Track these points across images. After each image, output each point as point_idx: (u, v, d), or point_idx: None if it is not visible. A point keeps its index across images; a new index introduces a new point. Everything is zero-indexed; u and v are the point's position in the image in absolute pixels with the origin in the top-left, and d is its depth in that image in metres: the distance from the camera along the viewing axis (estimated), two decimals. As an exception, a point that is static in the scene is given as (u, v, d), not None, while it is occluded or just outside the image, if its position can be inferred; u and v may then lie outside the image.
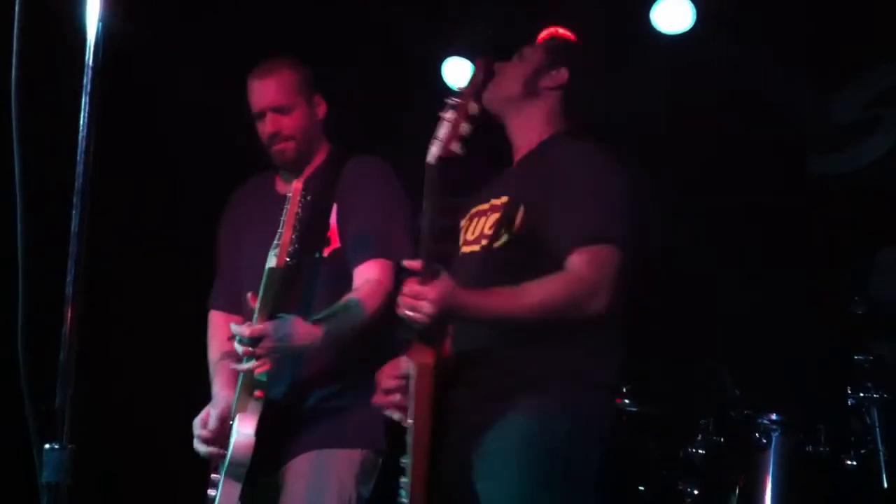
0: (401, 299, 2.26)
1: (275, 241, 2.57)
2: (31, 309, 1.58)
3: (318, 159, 2.98)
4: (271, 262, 2.56)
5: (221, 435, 2.72)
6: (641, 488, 3.83)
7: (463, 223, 2.68)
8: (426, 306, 2.21)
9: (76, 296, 1.53)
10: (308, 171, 2.95)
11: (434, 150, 2.34)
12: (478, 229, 2.55)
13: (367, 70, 4.42)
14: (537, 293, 2.28)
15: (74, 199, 1.55)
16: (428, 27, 4.40)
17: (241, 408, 2.66)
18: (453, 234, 2.71)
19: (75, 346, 1.52)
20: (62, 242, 1.57)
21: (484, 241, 2.47)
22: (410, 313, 2.24)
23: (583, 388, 2.36)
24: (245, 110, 3.00)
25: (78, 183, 1.54)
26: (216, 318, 3.02)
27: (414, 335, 2.31)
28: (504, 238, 2.42)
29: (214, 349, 2.97)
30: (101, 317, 3.55)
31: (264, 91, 2.91)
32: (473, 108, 2.35)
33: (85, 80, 1.56)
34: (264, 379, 2.66)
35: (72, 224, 1.54)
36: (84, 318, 1.53)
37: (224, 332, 2.90)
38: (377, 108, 4.43)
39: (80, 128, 1.55)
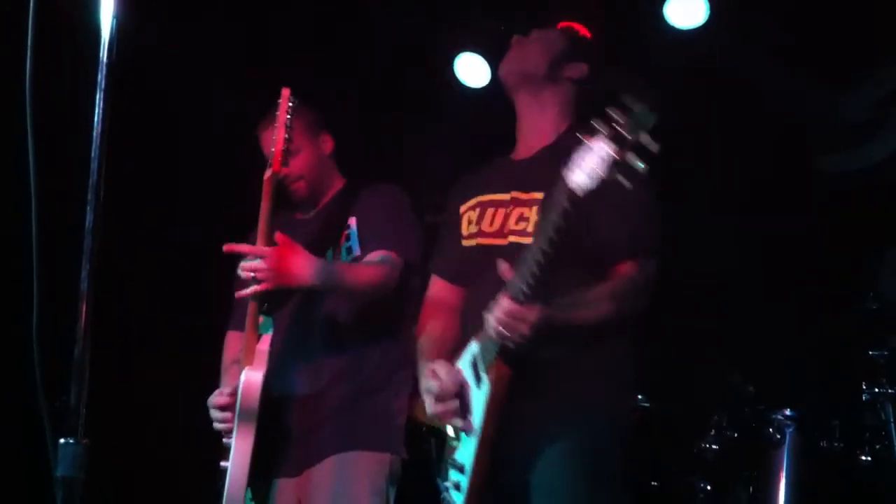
0: (497, 318, 2.20)
1: (270, 150, 2.70)
2: (46, 305, 1.59)
3: (333, 191, 3.07)
4: (268, 171, 2.68)
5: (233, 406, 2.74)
6: (654, 484, 3.83)
7: (464, 210, 2.65)
8: (526, 329, 2.19)
9: (90, 291, 1.53)
10: (324, 202, 3.05)
11: (582, 181, 2.08)
12: (497, 221, 2.54)
13: (378, 67, 4.42)
14: (610, 302, 2.34)
15: (88, 196, 1.55)
16: (440, 23, 4.40)
17: (247, 361, 2.68)
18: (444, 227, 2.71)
19: (90, 341, 1.52)
20: (76, 238, 1.57)
21: (515, 238, 2.45)
22: (507, 333, 2.20)
23: (617, 387, 2.46)
24: (257, 106, 3.02)
25: (92, 179, 1.55)
26: (231, 338, 3.07)
27: (496, 351, 2.28)
28: None
29: (226, 358, 3.03)
30: (117, 312, 3.58)
31: (268, 138, 2.96)
32: (655, 147, 2.01)
33: (99, 77, 1.57)
34: (269, 330, 2.72)
35: (86, 220, 1.55)
36: (99, 313, 1.54)
37: (236, 348, 2.96)
38: (389, 106, 4.43)
39: (94, 124, 1.56)
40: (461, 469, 2.33)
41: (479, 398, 2.33)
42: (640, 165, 2.02)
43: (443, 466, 2.44)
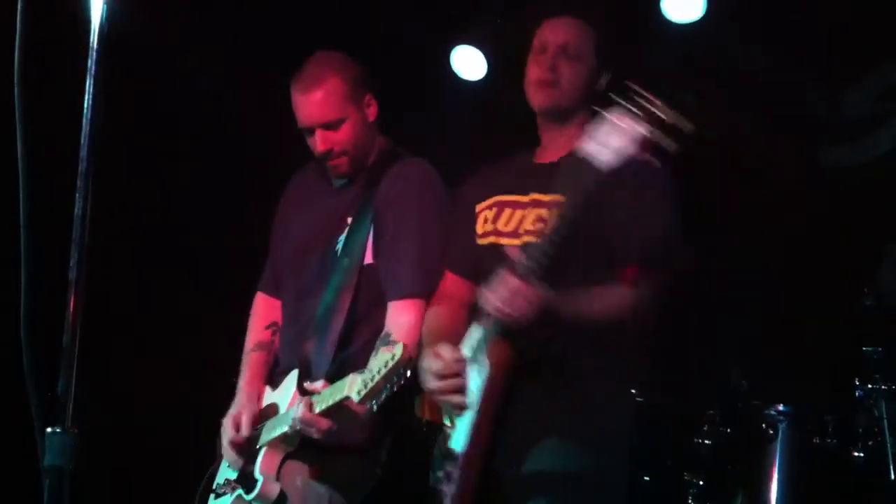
0: (496, 294, 2.19)
1: (366, 377, 2.29)
2: (35, 293, 1.57)
3: (371, 159, 2.83)
4: (353, 391, 2.32)
5: (249, 440, 2.72)
6: (647, 479, 3.82)
7: (480, 208, 2.63)
8: (526, 306, 2.18)
9: (80, 280, 1.52)
10: (362, 176, 2.83)
11: (607, 157, 2.07)
12: (513, 222, 2.54)
13: (373, 59, 4.38)
14: (612, 301, 2.34)
15: (78, 183, 1.54)
16: (436, 15, 4.37)
17: (272, 445, 2.65)
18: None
19: (78, 330, 1.51)
20: (66, 226, 1.56)
21: (530, 238, 2.42)
22: (507, 309, 2.19)
23: (620, 387, 2.53)
24: (245, 94, 2.98)
25: (81, 166, 1.54)
26: (259, 301, 3.01)
27: (495, 331, 2.28)
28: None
29: (251, 336, 2.96)
30: (108, 302, 3.55)
31: (310, 107, 2.70)
32: (689, 127, 2.01)
33: (89, 63, 1.55)
34: (297, 440, 2.64)
35: (75, 207, 1.53)
36: (90, 303, 1.53)
37: (263, 316, 2.94)
38: (384, 99, 4.40)
39: (84, 111, 1.54)
40: (453, 457, 2.31)
41: (476, 381, 2.32)
42: (673, 145, 1.98)
43: (437, 458, 2.43)
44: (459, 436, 2.34)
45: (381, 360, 2.27)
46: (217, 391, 2.95)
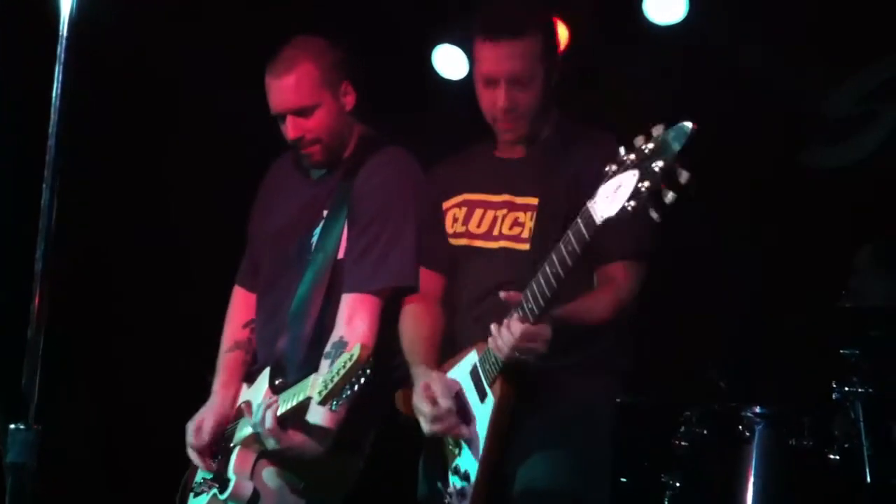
0: (509, 342, 2.23)
1: (327, 378, 2.28)
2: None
3: (349, 150, 2.77)
4: (314, 392, 2.32)
5: (213, 444, 2.72)
6: (623, 480, 3.82)
7: (448, 206, 2.63)
8: (541, 347, 2.24)
9: (45, 272, 1.49)
10: (340, 166, 2.76)
11: (608, 213, 2.01)
12: (486, 223, 2.55)
13: (354, 56, 4.37)
14: (611, 308, 2.41)
15: (45, 173, 1.51)
16: (418, 12, 4.36)
17: (245, 443, 2.63)
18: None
19: (43, 324, 1.48)
20: (33, 217, 1.54)
21: (507, 243, 2.48)
22: (523, 355, 2.25)
23: (611, 378, 2.59)
24: (222, 80, 2.95)
25: (49, 156, 1.52)
26: (237, 296, 2.98)
27: (499, 366, 2.32)
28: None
29: (228, 334, 2.93)
30: (102, 302, 3.52)
31: (282, 92, 2.64)
32: (685, 176, 1.89)
33: (59, 51, 1.53)
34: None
35: (42, 198, 1.51)
36: (86, 302, 1.51)
37: (241, 313, 2.91)
38: (364, 98, 4.38)
39: (53, 99, 1.52)
40: (465, 477, 2.38)
41: (483, 412, 2.37)
42: (671, 196, 1.91)
43: (440, 470, 2.48)
44: (468, 458, 2.39)
45: (341, 361, 2.25)
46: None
